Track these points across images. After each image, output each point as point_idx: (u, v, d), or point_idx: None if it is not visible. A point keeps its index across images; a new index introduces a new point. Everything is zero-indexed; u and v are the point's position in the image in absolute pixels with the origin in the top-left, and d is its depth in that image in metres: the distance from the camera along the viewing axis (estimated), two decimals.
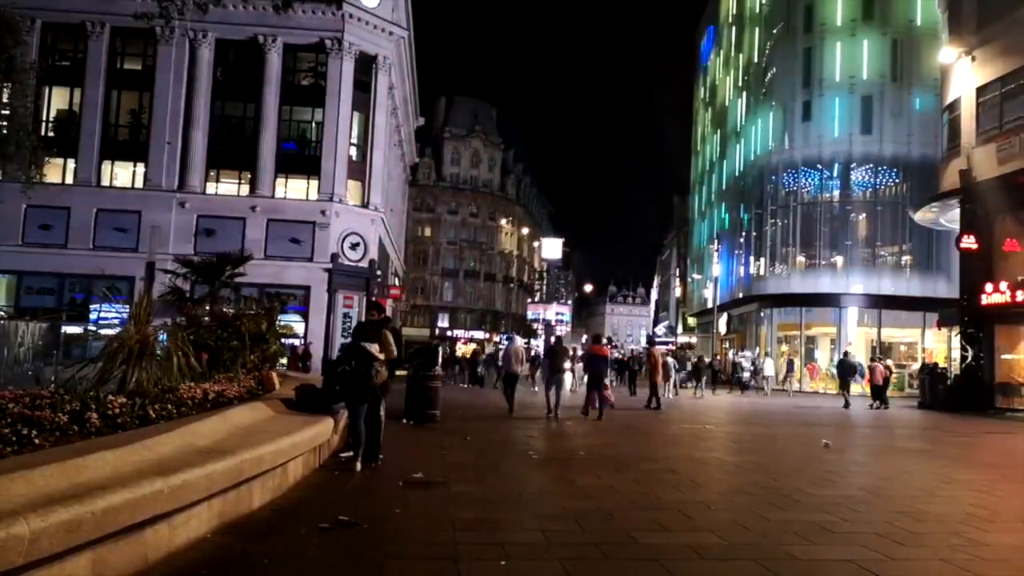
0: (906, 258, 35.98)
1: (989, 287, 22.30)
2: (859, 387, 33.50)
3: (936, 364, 26.95)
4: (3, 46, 18.14)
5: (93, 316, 28.73)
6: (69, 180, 31.87)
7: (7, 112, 20.25)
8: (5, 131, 19.65)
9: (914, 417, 20.57)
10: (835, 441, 13.12)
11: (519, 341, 20.07)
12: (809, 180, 37.41)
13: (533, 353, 33.03)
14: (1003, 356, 22.95)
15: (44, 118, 31.96)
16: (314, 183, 32.86)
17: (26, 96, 21.05)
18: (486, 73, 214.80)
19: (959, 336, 24.60)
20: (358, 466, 7.85)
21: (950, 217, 26.33)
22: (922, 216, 28.49)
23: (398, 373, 9.62)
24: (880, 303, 34.61)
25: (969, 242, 23.21)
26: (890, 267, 36.20)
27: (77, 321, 27.26)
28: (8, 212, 29.68)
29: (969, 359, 23.19)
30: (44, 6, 30.44)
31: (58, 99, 32.97)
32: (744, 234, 42.70)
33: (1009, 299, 21.68)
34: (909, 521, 6.32)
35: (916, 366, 31.70)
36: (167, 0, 11.16)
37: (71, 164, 31.99)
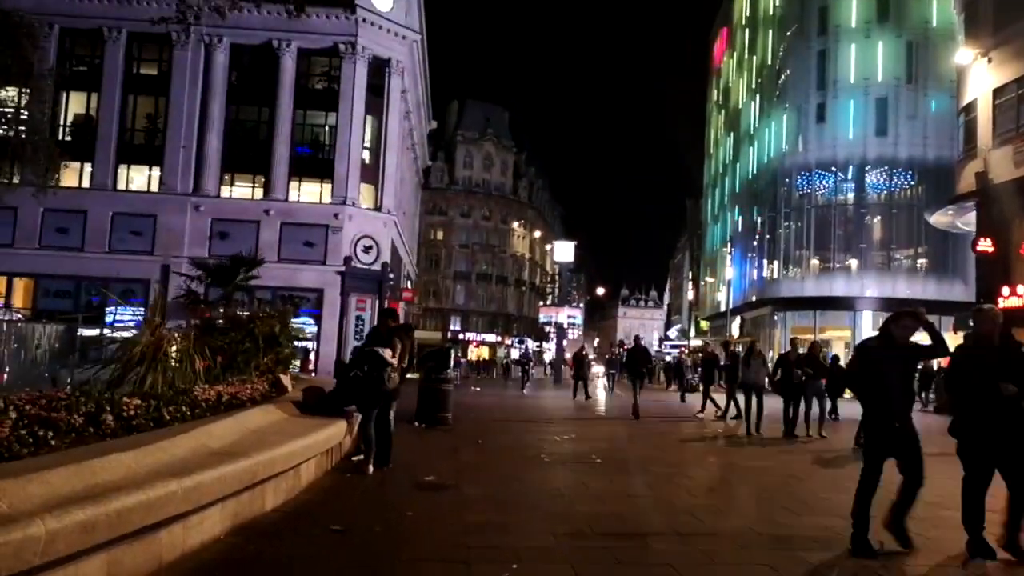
0: (921, 261, 35.70)
1: (1006, 290, 22.06)
2: None
3: None
4: (22, 51, 18.34)
5: (109, 318, 29.03)
6: (86, 184, 32.18)
7: (25, 117, 20.47)
8: (23, 136, 19.87)
9: (932, 421, 20.36)
10: (841, 447, 12.99)
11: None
12: (823, 183, 37.20)
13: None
14: None
15: (61, 123, 32.32)
16: (327, 186, 33.01)
17: (44, 101, 21.28)
18: (498, 76, 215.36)
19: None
20: (370, 469, 7.86)
21: (966, 220, 26.10)
22: (938, 219, 28.26)
23: (408, 376, 9.64)
24: (895, 306, 34.19)
25: (985, 245, 22.98)
26: (905, 270, 35.92)
27: (93, 323, 27.47)
28: (25, 215, 30.01)
29: None
30: (62, 12, 30.80)
31: (75, 104, 33.32)
32: (757, 237, 42.49)
33: None
34: (926, 526, 6.25)
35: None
36: (184, 6, 11.25)
37: (88, 168, 32.30)
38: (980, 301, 23.80)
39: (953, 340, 25.09)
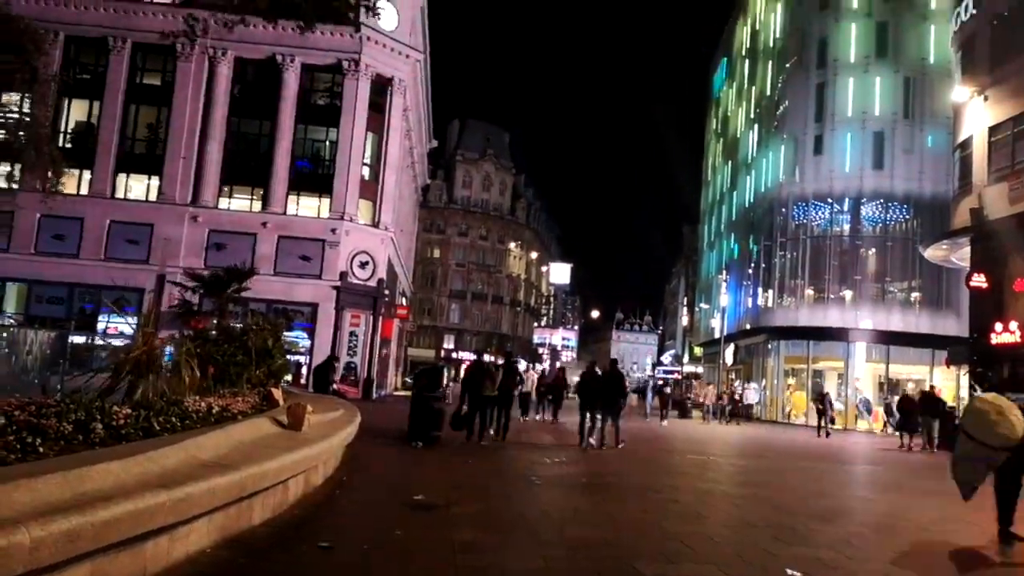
0: (915, 294, 35.84)
1: (999, 326, 22.16)
2: (867, 423, 33.40)
3: (944, 403, 26.68)
4: (27, 57, 18.44)
5: (101, 326, 28.91)
6: (84, 191, 32.18)
7: (28, 122, 20.53)
8: (24, 140, 19.91)
9: (921, 455, 20.35)
10: (841, 477, 12.96)
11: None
12: (819, 214, 37.45)
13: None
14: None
15: (63, 129, 32.39)
16: (326, 201, 33.09)
17: (47, 107, 21.35)
18: (499, 98, 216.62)
19: (968, 375, 24.39)
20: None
21: (961, 255, 26.26)
22: (932, 253, 28.43)
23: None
24: (888, 339, 34.43)
25: (979, 280, 23.10)
26: (899, 303, 36.06)
27: (85, 331, 27.35)
28: (22, 220, 29.99)
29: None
30: (67, 20, 31.05)
31: (77, 111, 33.42)
32: (753, 265, 42.66)
33: (1019, 339, 21.50)
34: (914, 560, 6.23)
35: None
36: (192, 19, 11.34)
37: (86, 175, 32.34)
38: (973, 336, 23.90)
39: (944, 375, 24.82)
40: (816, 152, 37.57)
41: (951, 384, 29.95)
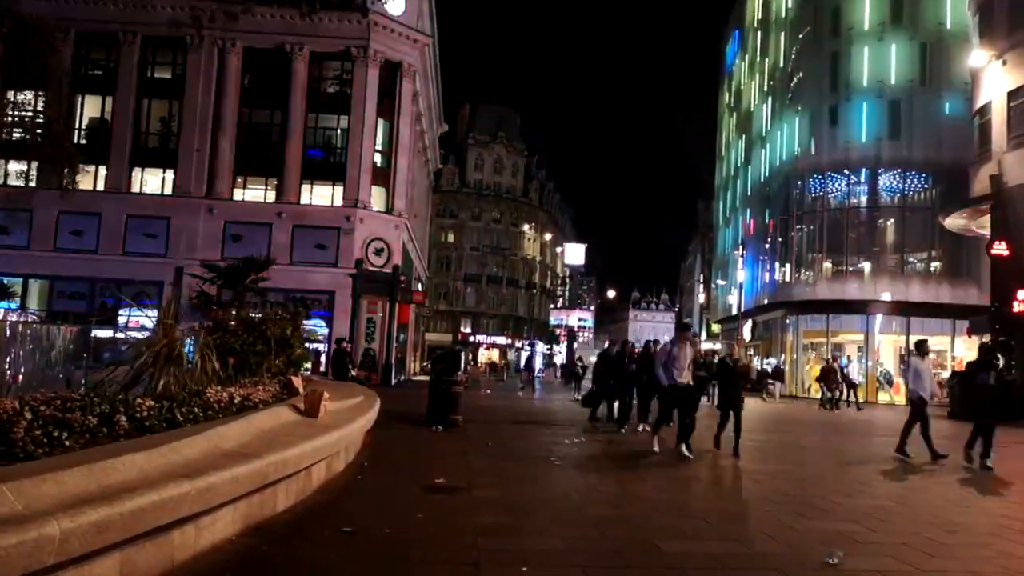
0: (935, 264, 35.42)
1: (1021, 294, 21.89)
2: (888, 395, 33.19)
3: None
4: (38, 55, 18.57)
5: (122, 320, 29.24)
6: (100, 187, 32.45)
7: (42, 120, 20.70)
8: (40, 138, 20.09)
9: (943, 426, 20.18)
10: (860, 451, 12.90)
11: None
12: (836, 185, 37.01)
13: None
14: None
15: (77, 126, 32.61)
16: (339, 189, 33.16)
17: (60, 104, 21.51)
18: (510, 79, 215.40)
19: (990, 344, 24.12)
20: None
21: (981, 223, 25.91)
22: (952, 222, 28.05)
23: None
24: (908, 310, 34.08)
25: (1000, 248, 22.80)
26: (919, 273, 35.65)
27: (107, 325, 27.67)
28: (41, 218, 30.33)
29: (1000, 368, 22.71)
30: (78, 16, 31.13)
31: (90, 107, 33.63)
32: (769, 240, 42.30)
33: None
34: (939, 532, 6.21)
35: (946, 374, 31.15)
36: (199, 11, 11.37)
37: (102, 171, 32.60)
38: (995, 304, 23.62)
39: (965, 344, 24.41)
40: (832, 123, 37.06)
41: (972, 354, 29.60)
